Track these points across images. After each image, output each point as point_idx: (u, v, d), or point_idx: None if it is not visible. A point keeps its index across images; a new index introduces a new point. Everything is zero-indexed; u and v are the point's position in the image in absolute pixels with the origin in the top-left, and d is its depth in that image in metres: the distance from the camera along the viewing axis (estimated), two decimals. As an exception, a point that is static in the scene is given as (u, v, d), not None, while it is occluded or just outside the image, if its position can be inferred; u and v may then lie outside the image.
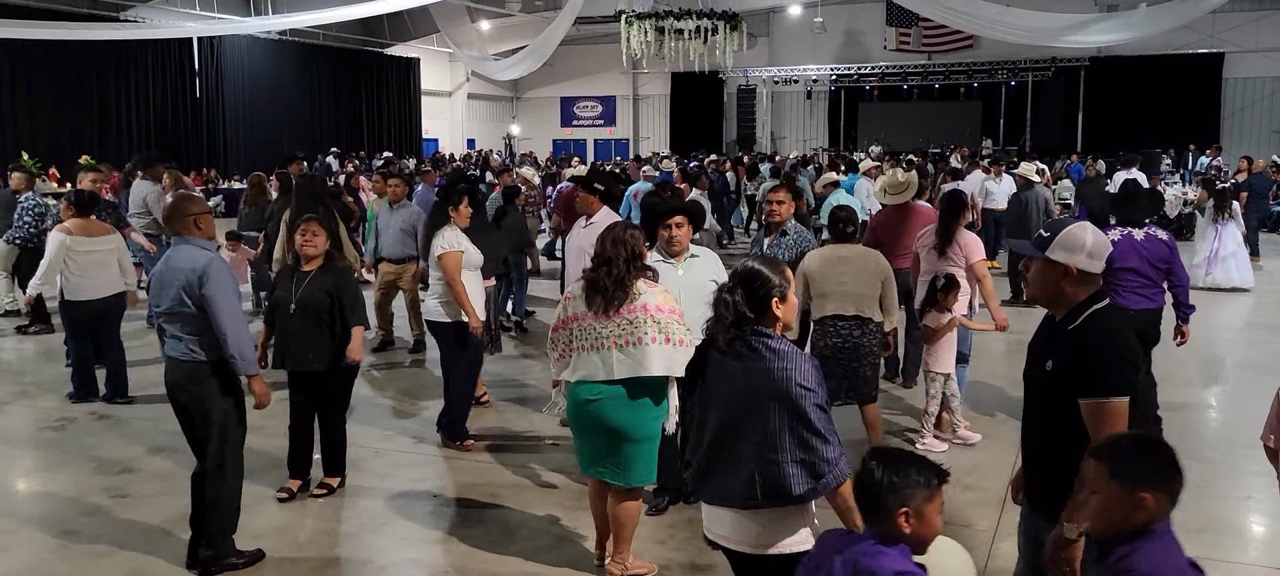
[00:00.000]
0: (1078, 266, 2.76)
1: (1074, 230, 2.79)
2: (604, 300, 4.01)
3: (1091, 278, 2.78)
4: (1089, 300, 2.77)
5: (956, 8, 19.80)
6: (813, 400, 2.77)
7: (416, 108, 32.49)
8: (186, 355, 4.34)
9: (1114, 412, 2.65)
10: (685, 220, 4.80)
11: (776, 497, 2.81)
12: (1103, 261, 2.79)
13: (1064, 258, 2.77)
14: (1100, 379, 2.67)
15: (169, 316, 4.36)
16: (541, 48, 22.25)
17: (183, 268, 4.30)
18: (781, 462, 2.78)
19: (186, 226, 4.40)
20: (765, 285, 2.91)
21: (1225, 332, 10.18)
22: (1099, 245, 2.78)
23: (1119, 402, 2.64)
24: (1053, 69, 28.32)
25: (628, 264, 4.03)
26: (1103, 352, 2.69)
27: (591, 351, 4.05)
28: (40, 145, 19.62)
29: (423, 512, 5.23)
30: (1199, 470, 5.84)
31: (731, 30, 17.70)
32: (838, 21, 29.67)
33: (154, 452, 6.24)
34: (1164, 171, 22.52)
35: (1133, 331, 2.77)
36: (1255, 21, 26.04)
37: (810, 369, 2.82)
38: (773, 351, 2.84)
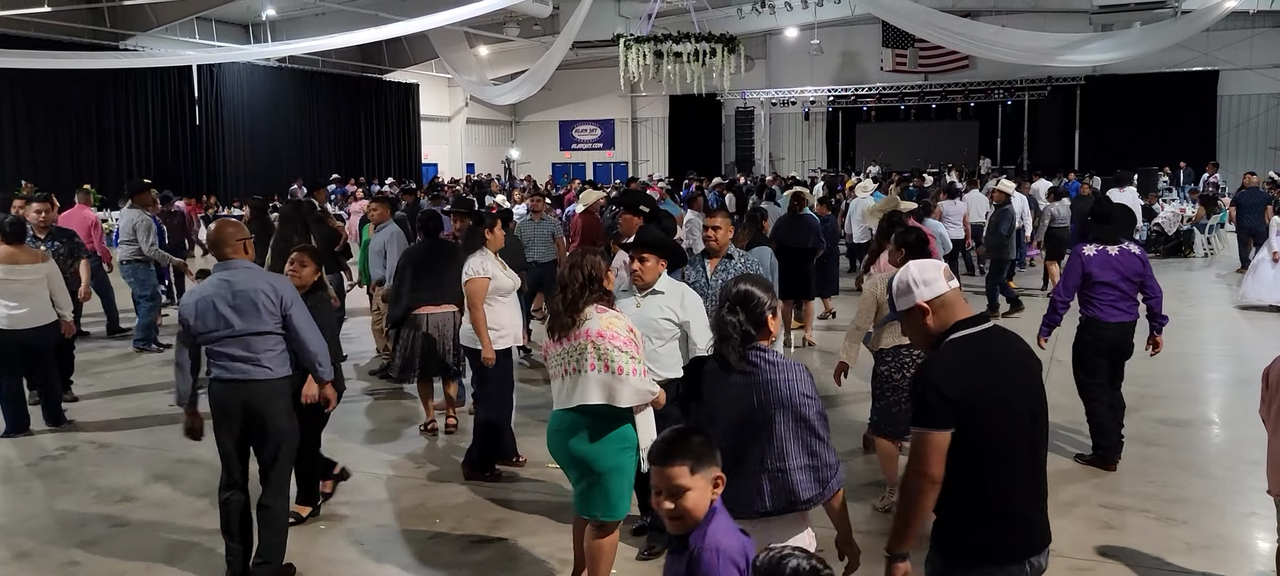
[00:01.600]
0: (925, 299, 2.77)
1: (895, 279, 2.84)
2: (558, 327, 3.98)
3: (945, 300, 2.77)
4: (953, 327, 2.76)
5: (952, 29, 19.90)
6: (815, 408, 2.95)
7: (416, 133, 32.60)
8: (266, 374, 4.43)
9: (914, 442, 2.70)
10: (652, 255, 4.61)
11: (789, 504, 2.93)
12: (939, 278, 2.78)
13: (907, 303, 2.80)
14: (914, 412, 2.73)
15: (241, 337, 4.36)
16: (540, 72, 22.33)
17: (262, 288, 4.39)
18: (789, 470, 2.92)
19: (237, 249, 4.47)
20: (760, 305, 3.06)
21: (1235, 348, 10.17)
22: (924, 268, 2.82)
23: (914, 432, 2.68)
24: (1049, 88, 28.44)
25: (582, 289, 3.94)
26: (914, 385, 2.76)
27: (555, 379, 4.04)
28: (41, 173, 19.67)
29: (423, 540, 5.22)
30: (1202, 486, 5.83)
31: (729, 53, 17.73)
32: (834, 43, 29.82)
33: (154, 480, 6.22)
34: (1161, 188, 22.61)
35: (950, 360, 2.70)
36: (1249, 39, 26.19)
37: (807, 377, 3.00)
38: (771, 364, 3.00)
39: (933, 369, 2.68)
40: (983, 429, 2.63)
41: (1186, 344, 10.24)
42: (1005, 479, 2.67)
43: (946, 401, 2.60)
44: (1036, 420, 2.77)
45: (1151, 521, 5.27)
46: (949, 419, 2.61)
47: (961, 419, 2.61)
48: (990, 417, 2.64)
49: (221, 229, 4.56)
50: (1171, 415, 7.36)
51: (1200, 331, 11.00)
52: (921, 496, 2.66)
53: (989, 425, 2.64)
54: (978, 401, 2.62)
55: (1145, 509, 5.43)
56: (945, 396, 2.60)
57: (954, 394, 2.60)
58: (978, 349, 2.71)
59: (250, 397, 4.43)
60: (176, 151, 24.24)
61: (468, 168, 33.51)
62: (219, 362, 4.43)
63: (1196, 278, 14.92)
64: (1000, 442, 2.66)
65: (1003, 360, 2.74)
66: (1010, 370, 2.74)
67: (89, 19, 21.13)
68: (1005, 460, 2.67)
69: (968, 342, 2.71)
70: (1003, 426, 2.66)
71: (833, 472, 2.93)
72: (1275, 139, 27.20)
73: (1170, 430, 6.98)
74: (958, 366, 2.66)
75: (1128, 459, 6.23)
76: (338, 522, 5.43)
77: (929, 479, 2.63)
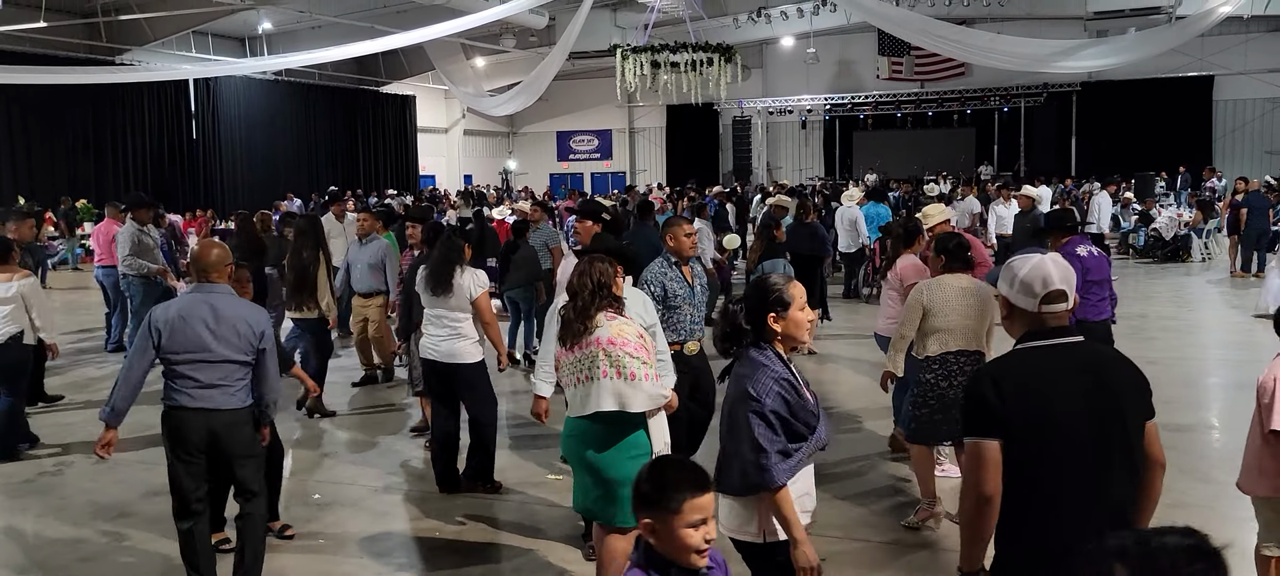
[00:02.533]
0: (1010, 300, 2.70)
1: (1026, 272, 2.66)
2: (570, 335, 4.00)
3: (1025, 314, 2.65)
4: (1029, 335, 2.66)
5: (948, 36, 19.96)
6: (754, 408, 3.00)
7: (413, 145, 32.64)
8: (234, 403, 4.34)
9: (965, 452, 2.64)
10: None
11: (725, 486, 3.08)
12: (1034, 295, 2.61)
13: (1026, 303, 2.67)
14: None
15: (216, 363, 4.27)
16: (536, 83, 22.37)
17: (246, 318, 4.33)
18: (731, 456, 3.07)
19: (222, 275, 4.43)
20: (762, 301, 3.14)
21: (1235, 353, 10.16)
22: (1058, 273, 2.63)
23: (966, 442, 2.62)
24: (1045, 94, 28.51)
25: (592, 297, 3.96)
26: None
27: (569, 387, 4.06)
28: (38, 189, 19.67)
29: (422, 551, 5.19)
30: (1204, 491, 5.81)
31: (726, 62, 17.79)
32: (830, 52, 29.88)
33: (151, 495, 6.19)
34: (1158, 193, 22.65)
35: (989, 377, 2.58)
36: (1244, 44, 26.27)
37: (768, 382, 3.03)
38: (748, 360, 3.10)
39: (981, 376, 2.59)
40: (1031, 446, 2.46)
41: (1186, 349, 10.24)
42: (1060, 512, 2.46)
43: (990, 407, 2.48)
44: (1108, 445, 2.49)
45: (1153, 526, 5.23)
46: (994, 427, 2.48)
47: (1007, 431, 2.47)
48: (1039, 433, 2.46)
49: (209, 251, 4.49)
50: (1172, 420, 7.33)
51: (1199, 336, 11.01)
52: (976, 516, 2.53)
53: (1037, 442, 2.46)
54: (1023, 413, 2.46)
55: None
56: (989, 402, 2.48)
57: (996, 401, 2.47)
58: (1040, 359, 2.55)
59: (216, 425, 4.32)
60: (173, 165, 24.24)
61: (465, 179, 33.52)
62: (183, 387, 4.26)
63: (1194, 283, 14.93)
64: (1050, 465, 2.47)
65: (1068, 375, 2.52)
66: (1077, 386, 2.50)
67: (85, 34, 21.16)
68: (1065, 491, 2.46)
69: (1037, 353, 2.57)
70: (1055, 446, 2.46)
71: (759, 474, 2.98)
72: (1271, 143, 27.27)
73: (1171, 435, 6.93)
74: (1009, 374, 2.53)
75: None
76: (336, 535, 5.40)
77: (975, 494, 2.51)
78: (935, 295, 5.27)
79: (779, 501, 2.99)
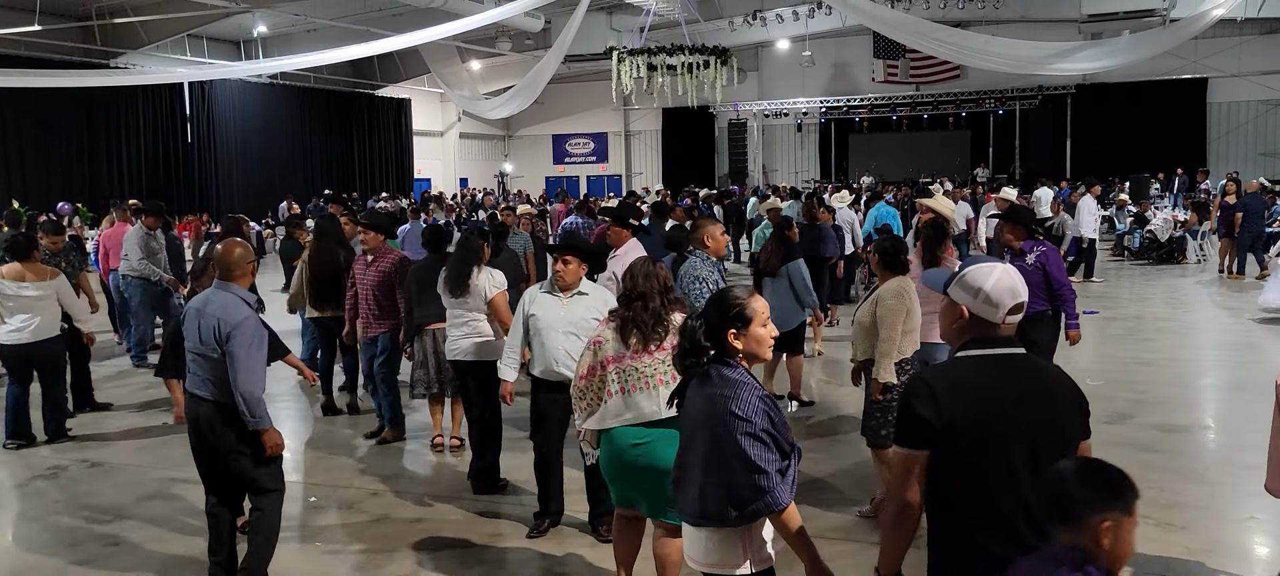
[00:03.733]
0: (971, 310, 2.59)
1: (995, 284, 2.57)
2: (643, 336, 3.96)
3: (984, 323, 2.58)
4: (970, 343, 2.61)
5: (943, 39, 20.00)
6: (745, 429, 2.84)
7: (408, 148, 32.62)
8: (215, 395, 4.41)
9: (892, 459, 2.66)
10: (574, 258, 4.86)
11: (714, 518, 2.93)
12: (1011, 301, 2.57)
13: (960, 298, 2.62)
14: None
15: (196, 356, 4.45)
16: (531, 86, 22.37)
17: (216, 315, 4.37)
18: (717, 485, 2.90)
19: (244, 275, 4.53)
20: (721, 317, 3.00)
21: (1230, 354, 10.19)
22: (1009, 287, 2.57)
23: (893, 450, 2.64)
24: (1039, 97, 28.57)
25: (661, 296, 4.02)
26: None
27: (637, 392, 3.93)
28: (31, 192, 19.62)
29: (422, 555, 5.18)
30: (1200, 492, 5.83)
31: (722, 65, 17.81)
32: (826, 55, 29.92)
33: (147, 498, 6.18)
34: (1153, 195, 22.70)
35: (930, 382, 2.54)
36: (1237, 47, 26.36)
37: (753, 398, 2.88)
38: (723, 379, 2.93)
39: (918, 385, 2.54)
40: (962, 459, 2.46)
41: (1182, 350, 10.27)
42: (987, 523, 2.46)
43: (924, 422, 2.46)
44: (1039, 462, 2.45)
45: (1151, 527, 5.24)
46: (924, 440, 2.48)
47: (939, 443, 2.46)
48: (971, 447, 2.45)
49: (231, 251, 4.57)
50: (1168, 421, 7.36)
51: (1195, 337, 11.03)
52: (898, 523, 2.57)
53: (969, 456, 2.45)
54: (959, 426, 2.44)
55: (1145, 514, 5.33)
56: (923, 416, 2.47)
57: (932, 415, 2.45)
58: (981, 370, 2.52)
59: (199, 414, 4.48)
60: (168, 169, 24.20)
61: (461, 182, 33.50)
62: (190, 374, 4.55)
63: (1189, 284, 14.96)
64: (981, 478, 2.46)
65: (1007, 388, 2.50)
66: (1014, 400, 2.48)
67: (79, 37, 21.12)
68: (986, 498, 2.46)
69: (971, 362, 2.55)
70: (986, 461, 2.44)
71: (760, 496, 2.82)
72: (1264, 145, 27.36)
73: (1167, 436, 6.97)
74: (947, 385, 2.50)
75: (1126, 465, 6.10)
76: (338, 539, 5.39)
77: (899, 504, 2.54)
78: (913, 299, 5.31)
79: (788, 521, 2.87)
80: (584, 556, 5.01)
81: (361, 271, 7.12)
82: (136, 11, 21.00)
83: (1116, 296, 13.79)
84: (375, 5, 22.34)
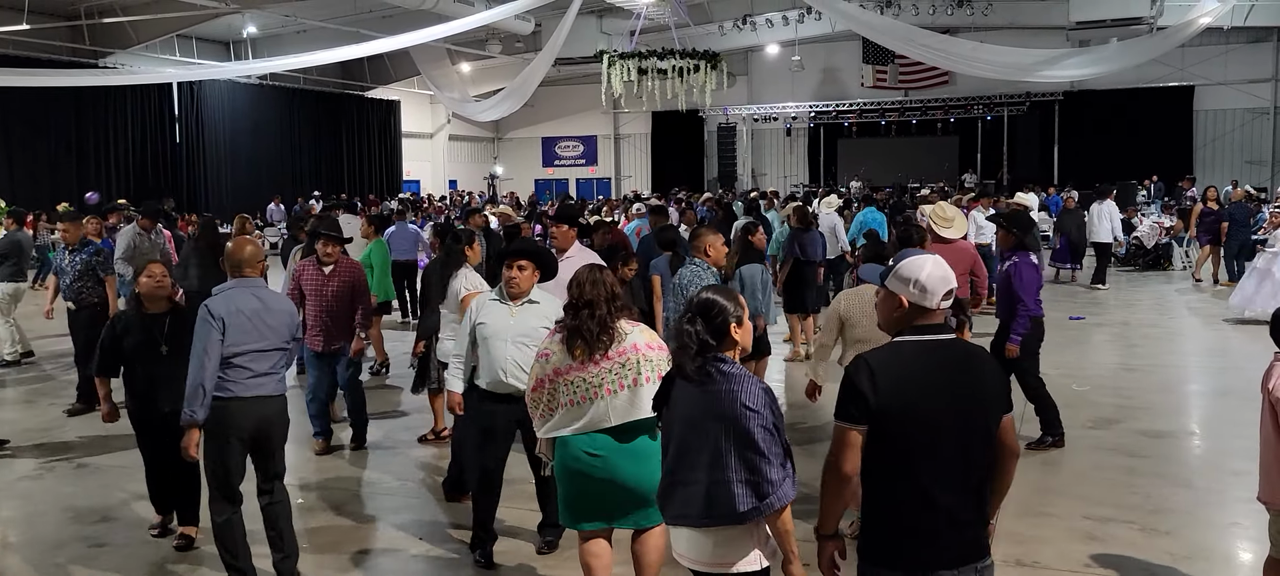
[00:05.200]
0: (909, 299, 2.81)
1: (925, 274, 2.80)
2: (588, 346, 3.86)
3: (921, 310, 2.80)
4: (908, 330, 2.84)
5: (932, 45, 20.09)
6: (758, 421, 2.92)
7: (397, 150, 32.53)
8: (279, 390, 4.59)
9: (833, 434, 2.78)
10: (529, 264, 4.67)
11: (726, 516, 2.94)
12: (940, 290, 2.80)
13: (904, 292, 2.82)
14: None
15: (267, 352, 4.48)
16: (520, 89, 22.36)
17: (289, 309, 4.67)
18: (730, 481, 2.93)
19: (257, 269, 4.66)
20: (722, 313, 3.07)
21: (1215, 360, 10.26)
22: (940, 276, 2.80)
23: (833, 425, 2.77)
24: (1027, 103, 28.70)
25: (608, 304, 3.90)
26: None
27: (586, 403, 3.87)
28: (19, 191, 19.48)
29: (407, 556, 5.17)
30: (1185, 497, 5.86)
31: (711, 69, 17.84)
32: (815, 60, 29.99)
33: (133, 500, 6.14)
34: (1140, 202, 22.84)
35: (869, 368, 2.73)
36: (1224, 55, 26.54)
37: (758, 391, 2.98)
38: (723, 374, 3.00)
39: (860, 366, 2.72)
40: (897, 435, 2.67)
41: (1167, 356, 10.34)
42: (914, 490, 2.69)
43: (863, 399, 2.66)
44: (970, 436, 2.73)
45: (1136, 532, 5.28)
46: (863, 416, 2.67)
47: (877, 420, 2.67)
48: (906, 425, 2.67)
49: (243, 248, 4.65)
50: (1153, 427, 7.40)
51: (1180, 343, 11.11)
52: (834, 491, 2.77)
53: (904, 432, 2.67)
54: (895, 406, 2.66)
55: (1129, 520, 5.44)
56: (863, 394, 2.66)
57: (870, 393, 2.66)
58: (917, 355, 2.75)
59: (267, 412, 4.53)
60: (156, 169, 24.07)
61: (450, 184, 33.45)
62: (235, 377, 4.38)
63: (1175, 291, 15.06)
64: (914, 454, 2.68)
65: (940, 370, 2.73)
66: (946, 381, 2.72)
67: (68, 37, 21.00)
68: (917, 472, 2.68)
69: (909, 347, 2.77)
70: (920, 437, 2.67)
71: (774, 488, 2.90)
72: (1250, 153, 27.53)
73: (1152, 441, 7.02)
74: (887, 368, 2.71)
75: (1111, 470, 6.26)
76: (319, 544, 5.37)
77: (836, 473, 2.72)
78: (853, 305, 5.25)
79: (786, 518, 2.94)
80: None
81: (319, 282, 6.86)
82: (126, 11, 20.89)
83: (1103, 302, 13.87)
84: (365, 7, 22.28)
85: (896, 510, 2.72)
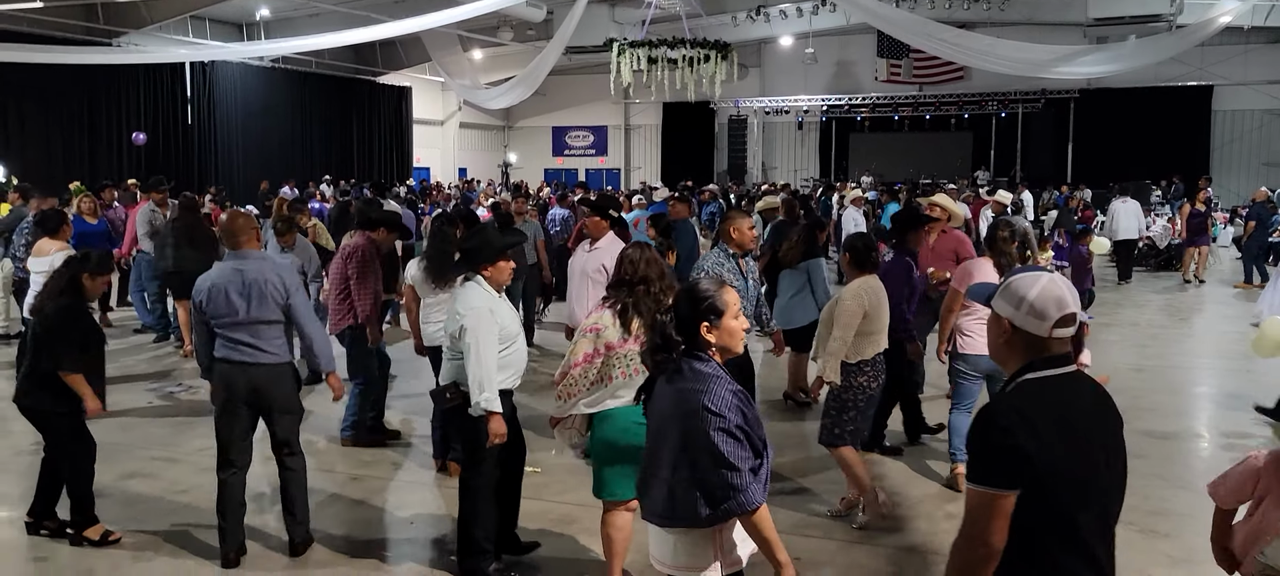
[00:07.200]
0: (1014, 322, 2.36)
1: (1039, 293, 2.33)
2: (645, 320, 3.96)
3: (1032, 338, 2.34)
4: (1031, 365, 2.34)
5: (947, 39, 19.89)
6: (718, 425, 2.77)
7: (408, 136, 32.52)
8: (270, 358, 4.69)
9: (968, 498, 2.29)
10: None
11: (686, 518, 2.84)
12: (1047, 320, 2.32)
13: (1036, 327, 2.34)
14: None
15: (247, 324, 4.62)
16: (531, 77, 22.27)
17: (270, 278, 4.71)
18: (688, 483, 2.81)
19: (250, 240, 4.79)
20: (693, 309, 2.93)
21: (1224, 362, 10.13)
22: (1066, 297, 2.33)
23: (971, 490, 2.26)
24: (1043, 100, 28.48)
25: (660, 282, 4.08)
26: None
27: (639, 375, 3.90)
28: (31, 169, 19.53)
29: (400, 539, 5.15)
30: (1186, 500, 5.78)
31: (722, 60, 17.70)
32: (829, 53, 29.81)
33: (127, 477, 6.15)
34: (1154, 203, 22.64)
35: (1027, 412, 2.24)
36: (1243, 54, 26.24)
37: (726, 393, 2.81)
38: (694, 372, 2.88)
39: (1010, 415, 2.22)
40: (1056, 496, 2.21)
41: (1177, 357, 10.23)
42: (1080, 562, 2.28)
43: (1023, 457, 2.17)
44: (1115, 486, 2.35)
45: (1134, 533, 5.20)
46: (1020, 478, 2.18)
47: (1033, 481, 2.18)
48: (1068, 483, 2.21)
49: (234, 220, 4.87)
50: (1158, 428, 7.31)
51: (1190, 344, 10.99)
52: (977, 569, 2.26)
53: (1064, 492, 2.21)
54: (1057, 461, 2.19)
55: (1128, 521, 5.27)
56: (1022, 451, 2.16)
57: (1032, 450, 2.17)
58: (1066, 395, 2.29)
59: (256, 378, 4.68)
60: (168, 150, 24.11)
61: (460, 172, 33.44)
62: (228, 345, 4.66)
63: (1187, 292, 14.91)
64: (1078, 516, 2.24)
65: (1086, 414, 2.30)
66: (1093, 426, 2.30)
67: (82, 15, 21.03)
68: (1085, 538, 2.27)
69: (1056, 385, 2.30)
70: (1081, 496, 2.23)
71: (734, 495, 2.74)
72: (1268, 155, 27.23)
73: (1156, 443, 6.93)
74: (1040, 415, 2.22)
75: (1112, 470, 6.16)
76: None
77: (989, 551, 2.23)
78: (872, 299, 5.18)
79: (759, 522, 2.78)
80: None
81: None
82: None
83: (1114, 302, 13.73)
84: (378, -10, 22.27)
85: (1052, 572, 2.27)
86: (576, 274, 6.33)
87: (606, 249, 6.20)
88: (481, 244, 4.53)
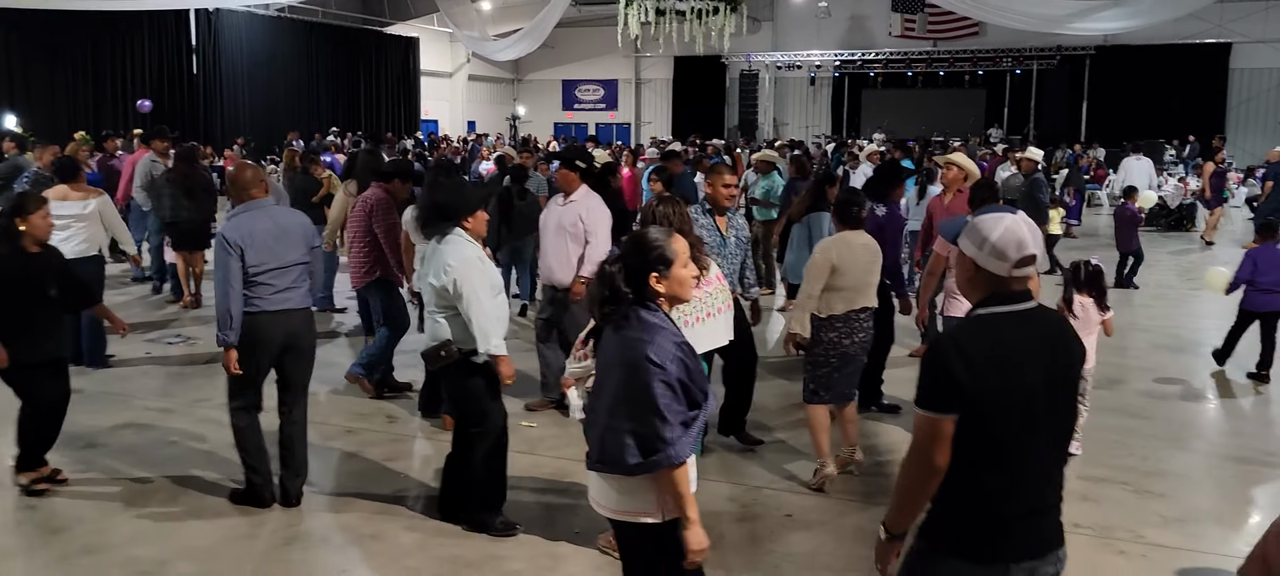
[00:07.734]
0: (977, 262, 2.51)
1: (1002, 233, 2.46)
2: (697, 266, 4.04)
3: (992, 277, 2.48)
4: (989, 299, 2.51)
5: (961, -7, 19.61)
6: (659, 376, 2.78)
7: (416, 88, 32.28)
8: (304, 302, 4.81)
9: (914, 421, 2.48)
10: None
11: (615, 464, 2.84)
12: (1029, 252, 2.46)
13: (968, 249, 2.53)
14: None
15: (286, 268, 4.67)
16: (538, 28, 22.06)
17: (300, 222, 4.85)
18: (620, 431, 2.82)
19: (261, 189, 4.78)
20: (641, 259, 2.92)
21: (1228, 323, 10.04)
22: (1029, 237, 2.46)
23: (916, 413, 2.45)
24: (1058, 57, 28.08)
25: (689, 232, 4.18)
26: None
27: (699, 322, 4.23)
28: (36, 118, 19.51)
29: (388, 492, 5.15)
30: (1182, 460, 5.75)
31: (731, 11, 17.49)
32: (842, 7, 29.41)
33: (122, 427, 6.16)
34: (1167, 161, 22.36)
35: (963, 342, 2.42)
36: (1264, 11, 25.76)
37: (670, 345, 2.82)
38: (640, 322, 2.86)
39: (948, 346, 2.42)
40: (988, 421, 2.38)
41: (1182, 317, 10.13)
42: (1000, 480, 2.42)
43: (956, 383, 2.35)
44: (1059, 416, 2.49)
45: (1129, 493, 5.17)
46: (956, 403, 2.37)
47: (967, 407, 2.36)
48: (1002, 409, 2.38)
49: (243, 171, 4.85)
50: (1157, 388, 7.26)
51: (1196, 305, 10.88)
52: (920, 486, 2.47)
53: (996, 419, 2.38)
54: (991, 389, 2.36)
55: (1124, 481, 5.32)
56: (956, 378, 2.35)
57: (965, 376, 2.35)
58: (1011, 329, 2.44)
59: (292, 324, 4.73)
60: (173, 99, 24.01)
61: (469, 125, 33.26)
62: (261, 294, 4.60)
63: (1197, 252, 14.76)
64: (1004, 440, 2.40)
65: (1030, 349, 2.44)
66: (1039, 358, 2.43)
67: (86, -38, 20.86)
68: (1007, 460, 2.42)
69: (1002, 320, 2.45)
70: (1012, 423, 2.39)
71: (664, 447, 2.75)
72: (1285, 115, 26.86)
73: (1155, 403, 6.88)
74: (977, 348, 2.39)
75: (1110, 431, 6.13)
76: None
77: (926, 468, 2.44)
78: (844, 254, 5.09)
79: (677, 477, 2.80)
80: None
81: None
82: (143, -62, 20.72)
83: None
84: (384, -61, 22.00)
85: (984, 501, 2.43)
86: (551, 228, 6.15)
87: (581, 201, 6.09)
88: (459, 198, 4.54)
